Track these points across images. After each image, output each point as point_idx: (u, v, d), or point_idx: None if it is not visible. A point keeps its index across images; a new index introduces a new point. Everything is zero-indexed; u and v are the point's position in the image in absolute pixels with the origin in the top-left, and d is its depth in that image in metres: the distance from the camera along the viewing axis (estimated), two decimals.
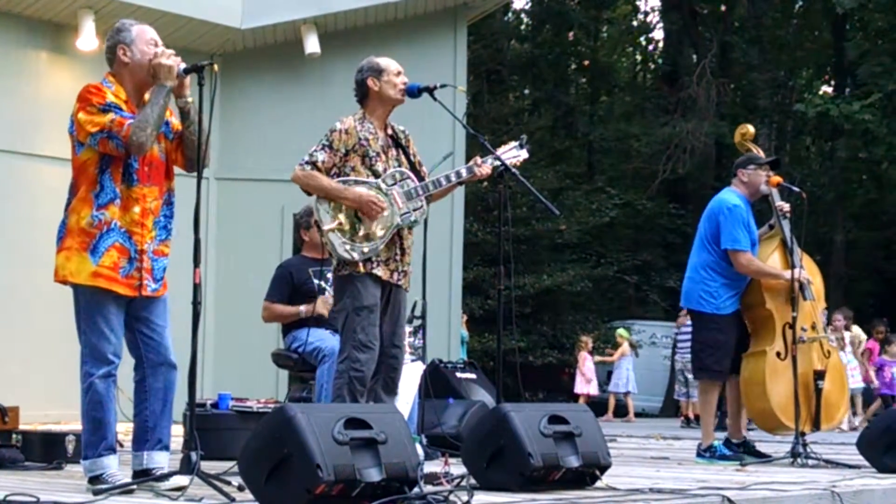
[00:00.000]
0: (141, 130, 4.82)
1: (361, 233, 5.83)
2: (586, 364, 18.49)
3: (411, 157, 6.09)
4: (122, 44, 4.99)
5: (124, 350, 5.02)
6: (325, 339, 6.83)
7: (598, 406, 18.01)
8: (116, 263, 4.89)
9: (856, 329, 15.79)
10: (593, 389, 18.41)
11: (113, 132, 4.83)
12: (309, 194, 5.94)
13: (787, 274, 7.28)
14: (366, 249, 5.81)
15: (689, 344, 14.93)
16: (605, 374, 19.65)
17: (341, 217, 5.84)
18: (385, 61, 6.02)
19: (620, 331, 19.55)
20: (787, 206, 7.56)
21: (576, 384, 18.52)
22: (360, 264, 5.81)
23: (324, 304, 6.93)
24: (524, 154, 6.10)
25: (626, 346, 18.65)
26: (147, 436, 5.00)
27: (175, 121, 5.10)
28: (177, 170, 5.14)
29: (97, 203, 4.88)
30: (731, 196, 7.43)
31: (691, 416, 15.57)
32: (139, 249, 4.93)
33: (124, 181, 4.90)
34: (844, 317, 15.41)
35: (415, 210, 5.95)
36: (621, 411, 18.36)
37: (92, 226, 4.88)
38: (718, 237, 7.34)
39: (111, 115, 4.84)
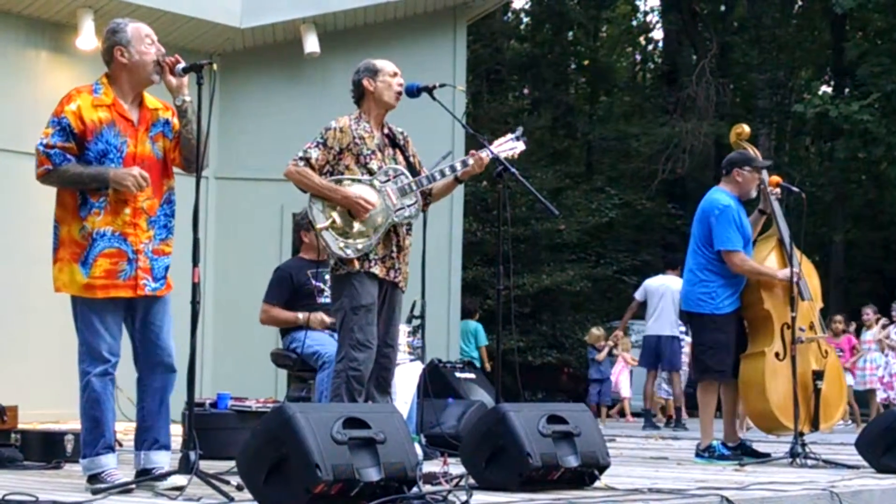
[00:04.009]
0: (51, 179, 4.87)
1: (355, 230, 5.84)
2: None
3: (409, 158, 6.09)
4: (119, 45, 4.98)
5: (126, 349, 5.02)
6: (325, 344, 6.80)
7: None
8: (112, 269, 4.89)
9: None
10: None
11: (36, 156, 4.86)
12: (304, 191, 5.95)
13: (780, 273, 7.27)
14: (360, 246, 5.82)
15: None
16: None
17: (335, 215, 5.84)
18: (381, 63, 6.05)
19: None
20: (776, 189, 7.51)
21: (624, 388, 17.56)
22: (356, 262, 5.81)
23: (320, 323, 6.92)
24: (521, 146, 6.09)
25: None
26: (144, 435, 5.01)
27: (175, 120, 5.09)
28: (177, 169, 5.14)
29: (81, 214, 4.89)
30: (721, 196, 7.41)
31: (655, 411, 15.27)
32: (135, 250, 4.93)
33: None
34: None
35: (409, 205, 5.95)
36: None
37: (84, 237, 4.89)
38: (711, 238, 7.33)
39: (49, 133, 4.85)
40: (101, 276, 4.88)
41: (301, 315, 7.04)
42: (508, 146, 6.05)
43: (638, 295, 13.87)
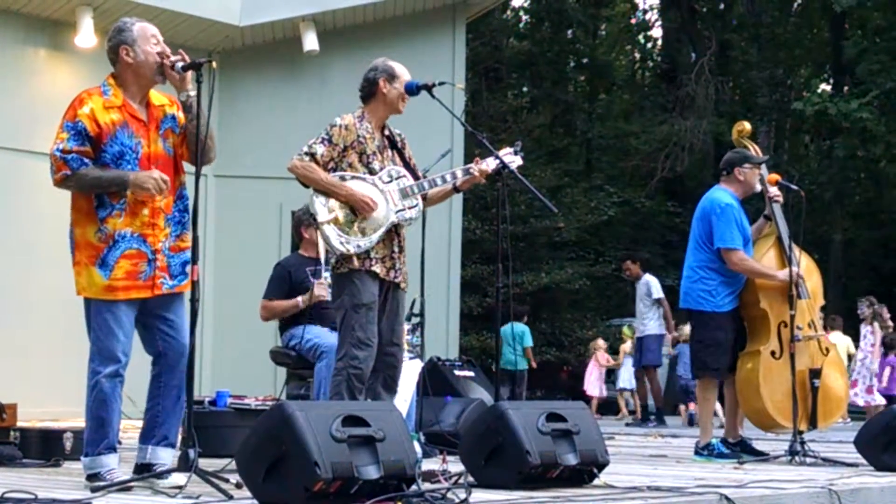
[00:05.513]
0: (69, 183, 4.85)
1: (356, 227, 5.84)
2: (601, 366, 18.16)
3: (407, 160, 6.10)
4: (125, 44, 4.97)
5: (135, 348, 5.01)
6: (322, 336, 6.84)
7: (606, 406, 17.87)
8: (133, 270, 4.89)
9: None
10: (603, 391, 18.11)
11: (52, 162, 4.85)
12: (305, 186, 5.94)
13: (780, 274, 7.27)
14: (361, 243, 5.82)
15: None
16: (607, 373, 19.53)
17: (337, 211, 5.84)
18: (400, 69, 6.02)
19: (626, 329, 19.24)
20: (777, 192, 7.50)
21: (589, 384, 17.94)
22: (356, 259, 5.81)
23: (321, 287, 6.93)
24: (518, 161, 6.08)
25: (628, 345, 18.41)
26: (154, 431, 5.02)
27: (181, 115, 5.09)
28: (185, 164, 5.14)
29: (99, 216, 4.88)
30: (722, 195, 7.41)
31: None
32: (154, 250, 4.93)
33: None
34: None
35: (410, 208, 5.95)
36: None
37: (100, 240, 4.88)
38: (712, 237, 7.33)
39: (65, 138, 4.84)
40: (122, 278, 4.87)
41: (301, 298, 7.06)
42: (507, 160, 6.04)
43: (658, 292, 13.78)
